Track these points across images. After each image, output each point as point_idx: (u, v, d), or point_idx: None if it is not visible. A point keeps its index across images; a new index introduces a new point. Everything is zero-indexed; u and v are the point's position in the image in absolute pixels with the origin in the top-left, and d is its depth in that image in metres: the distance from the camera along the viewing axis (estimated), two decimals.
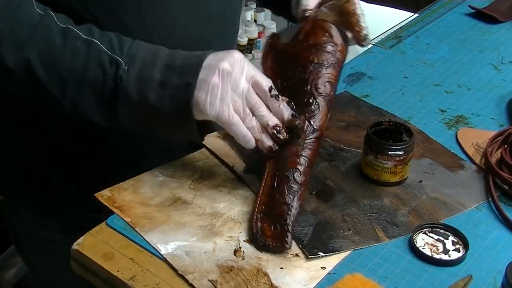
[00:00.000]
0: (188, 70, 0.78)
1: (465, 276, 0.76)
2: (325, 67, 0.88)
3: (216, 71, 0.78)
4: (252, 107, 0.81)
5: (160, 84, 0.78)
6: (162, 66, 0.79)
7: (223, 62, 0.78)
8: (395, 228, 0.83)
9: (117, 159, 0.98)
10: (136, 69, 0.78)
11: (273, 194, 0.83)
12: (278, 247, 0.78)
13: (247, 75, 0.80)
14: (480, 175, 0.93)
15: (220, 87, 0.78)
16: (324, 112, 0.87)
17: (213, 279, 0.75)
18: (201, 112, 0.79)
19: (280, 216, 0.80)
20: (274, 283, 0.75)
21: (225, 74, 0.78)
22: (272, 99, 0.82)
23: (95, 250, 0.79)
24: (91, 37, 0.79)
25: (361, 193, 0.89)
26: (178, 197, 0.87)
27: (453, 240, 0.81)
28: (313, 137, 0.85)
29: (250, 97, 0.80)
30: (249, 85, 0.80)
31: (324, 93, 0.87)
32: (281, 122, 0.83)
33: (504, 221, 0.85)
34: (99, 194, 0.87)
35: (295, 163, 0.84)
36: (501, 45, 1.31)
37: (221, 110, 0.79)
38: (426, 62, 1.24)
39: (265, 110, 0.82)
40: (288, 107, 0.84)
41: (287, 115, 0.83)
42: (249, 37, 2.81)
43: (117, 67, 0.78)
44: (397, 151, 0.88)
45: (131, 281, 0.75)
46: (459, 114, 1.08)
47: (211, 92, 0.78)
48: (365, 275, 0.76)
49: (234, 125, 0.80)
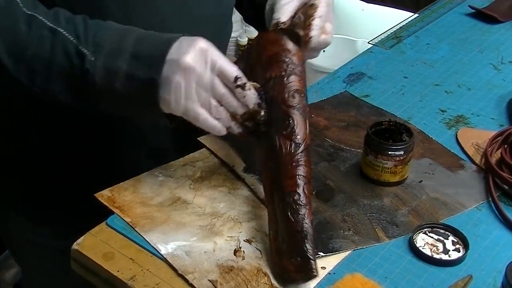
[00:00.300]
0: (152, 63, 0.77)
1: (465, 276, 0.76)
2: (285, 77, 0.82)
3: (178, 69, 0.77)
4: (220, 98, 0.80)
5: (126, 76, 0.77)
6: (129, 55, 0.77)
7: (186, 57, 0.76)
8: (395, 228, 0.83)
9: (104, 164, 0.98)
10: (103, 60, 0.77)
11: (282, 225, 0.77)
12: (305, 277, 0.74)
13: (212, 65, 0.78)
14: (480, 175, 0.93)
15: (184, 86, 0.77)
16: (302, 123, 0.81)
17: (213, 279, 0.75)
18: (167, 108, 0.79)
19: (298, 246, 0.75)
20: (274, 283, 0.75)
21: (188, 71, 0.76)
22: (237, 89, 0.79)
23: (95, 250, 0.79)
24: (57, 25, 0.78)
25: (361, 193, 0.89)
26: (178, 197, 0.87)
27: (453, 240, 0.81)
28: (300, 152, 0.80)
29: (217, 90, 0.79)
30: (215, 76, 0.78)
31: (294, 104, 0.81)
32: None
33: (504, 221, 0.85)
34: (99, 194, 0.87)
35: (292, 185, 0.78)
36: (501, 45, 1.31)
37: (187, 108, 0.78)
38: (426, 62, 1.24)
39: (233, 100, 0.80)
40: (255, 96, 0.81)
41: (251, 105, 0.81)
42: (249, 37, 2.81)
43: (83, 58, 0.77)
44: (397, 151, 0.88)
45: (131, 281, 0.75)
46: (459, 114, 1.08)
47: (175, 92, 0.77)
48: (365, 275, 0.76)
49: (201, 120, 0.79)
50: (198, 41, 0.78)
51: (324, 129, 1.02)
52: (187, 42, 0.78)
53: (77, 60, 0.77)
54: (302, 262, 0.74)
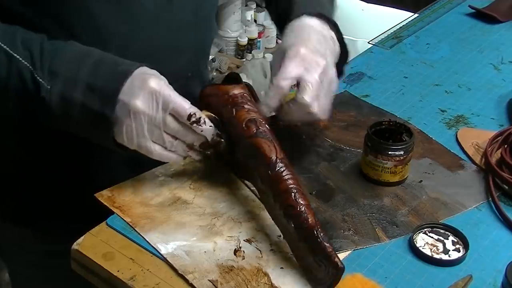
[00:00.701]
0: (106, 100, 0.77)
1: (465, 276, 0.76)
2: (234, 114, 0.84)
3: (129, 113, 0.76)
4: (174, 134, 0.80)
5: (82, 105, 0.77)
6: (84, 86, 0.77)
7: (136, 101, 0.76)
8: (395, 228, 0.83)
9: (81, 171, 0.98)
10: (58, 88, 0.77)
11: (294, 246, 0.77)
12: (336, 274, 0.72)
13: (164, 106, 0.77)
14: (480, 175, 0.93)
15: (135, 127, 0.77)
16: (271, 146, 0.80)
17: (213, 279, 0.75)
18: (121, 142, 0.79)
19: (318, 252, 0.73)
20: (274, 283, 0.75)
21: (138, 115, 0.77)
22: (193, 125, 0.79)
23: (95, 250, 0.79)
24: (13, 49, 0.77)
25: (361, 193, 0.89)
26: (178, 197, 0.87)
27: (453, 240, 0.81)
28: (278, 168, 0.79)
29: (170, 127, 0.79)
30: (167, 115, 0.78)
31: (252, 133, 0.82)
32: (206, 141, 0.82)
33: (504, 221, 0.85)
34: (99, 194, 0.87)
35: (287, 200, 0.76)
36: (501, 45, 1.31)
37: (139, 145, 0.79)
38: (426, 62, 1.24)
39: (188, 134, 0.80)
40: (211, 128, 0.81)
41: (209, 137, 0.81)
42: (249, 37, 2.81)
43: (39, 86, 0.77)
44: (397, 151, 0.88)
45: (131, 281, 0.75)
46: (459, 114, 1.08)
47: (127, 131, 0.78)
48: (365, 275, 0.76)
49: (155, 155, 0.80)
50: (150, 81, 0.77)
51: (324, 129, 1.02)
52: (138, 82, 0.77)
53: (32, 86, 0.77)
54: (327, 265, 0.72)
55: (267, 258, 0.78)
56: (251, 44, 2.82)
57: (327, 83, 0.87)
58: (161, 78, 0.79)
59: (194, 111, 0.79)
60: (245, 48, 2.82)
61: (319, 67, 0.86)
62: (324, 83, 0.86)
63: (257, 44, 2.85)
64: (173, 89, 0.79)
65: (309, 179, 0.91)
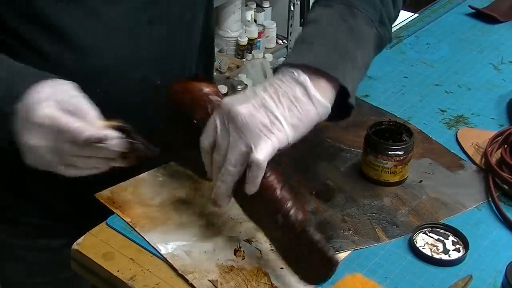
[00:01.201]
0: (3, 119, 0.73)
1: (465, 276, 0.76)
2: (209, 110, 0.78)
3: (25, 149, 0.73)
4: (83, 155, 0.73)
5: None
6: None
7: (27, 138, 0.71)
8: (395, 228, 0.83)
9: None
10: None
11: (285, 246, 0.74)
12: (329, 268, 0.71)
13: (59, 136, 0.71)
14: (480, 175, 0.93)
15: (38, 158, 0.73)
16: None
17: (213, 279, 0.75)
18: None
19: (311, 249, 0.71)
20: (274, 283, 0.75)
21: (35, 149, 0.72)
22: (98, 144, 0.71)
23: (95, 250, 0.79)
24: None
25: (361, 193, 0.89)
26: (178, 197, 0.87)
27: (453, 240, 0.81)
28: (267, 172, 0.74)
29: (75, 152, 0.73)
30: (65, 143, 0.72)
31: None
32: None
33: (504, 221, 0.85)
34: (99, 194, 0.87)
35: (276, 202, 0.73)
36: (501, 45, 1.31)
37: (50, 168, 0.74)
38: (426, 62, 1.24)
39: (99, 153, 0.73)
40: (122, 140, 0.73)
41: (124, 149, 0.74)
42: (249, 37, 2.82)
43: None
44: (397, 151, 0.88)
45: (131, 281, 0.75)
46: (459, 114, 1.08)
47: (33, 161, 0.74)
48: (365, 275, 0.76)
49: (72, 174, 0.76)
50: (38, 112, 0.71)
51: (324, 129, 1.02)
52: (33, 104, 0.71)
53: None
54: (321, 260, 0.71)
55: (267, 258, 0.78)
56: (251, 44, 2.83)
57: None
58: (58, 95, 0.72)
59: (90, 134, 0.70)
60: (245, 48, 2.82)
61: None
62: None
63: (257, 44, 2.85)
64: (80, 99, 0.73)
65: (309, 179, 0.91)
